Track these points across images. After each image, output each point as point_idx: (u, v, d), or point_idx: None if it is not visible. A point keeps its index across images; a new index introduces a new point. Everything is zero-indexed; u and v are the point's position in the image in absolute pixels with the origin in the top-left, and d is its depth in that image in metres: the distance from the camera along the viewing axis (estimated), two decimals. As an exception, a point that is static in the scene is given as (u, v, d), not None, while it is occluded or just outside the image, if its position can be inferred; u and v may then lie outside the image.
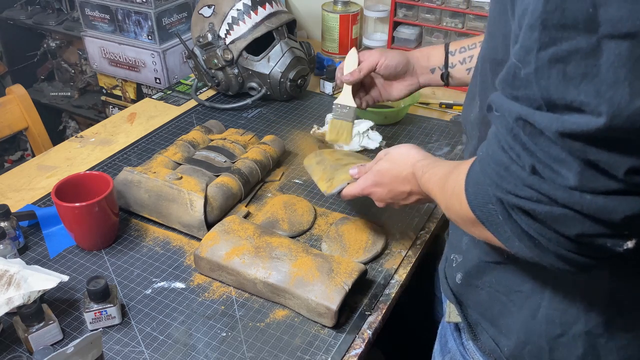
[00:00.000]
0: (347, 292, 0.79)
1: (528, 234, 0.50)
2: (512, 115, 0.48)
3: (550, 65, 0.44)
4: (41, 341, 0.76)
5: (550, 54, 0.44)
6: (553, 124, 0.44)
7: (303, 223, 0.99)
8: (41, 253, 0.94)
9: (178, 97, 1.47)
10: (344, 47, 1.69)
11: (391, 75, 1.02)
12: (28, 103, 1.48)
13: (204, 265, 0.88)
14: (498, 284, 0.68)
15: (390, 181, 0.79)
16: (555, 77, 0.44)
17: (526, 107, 0.47)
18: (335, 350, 0.77)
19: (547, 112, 0.45)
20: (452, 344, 0.78)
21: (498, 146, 0.51)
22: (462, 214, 0.57)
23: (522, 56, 0.46)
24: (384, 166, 0.80)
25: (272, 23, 1.34)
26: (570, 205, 0.46)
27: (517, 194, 0.49)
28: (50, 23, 2.21)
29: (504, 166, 0.50)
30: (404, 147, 0.80)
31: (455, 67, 0.97)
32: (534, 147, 0.47)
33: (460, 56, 0.96)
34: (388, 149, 0.83)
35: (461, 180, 0.57)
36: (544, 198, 0.47)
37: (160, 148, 1.21)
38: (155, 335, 0.80)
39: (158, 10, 1.66)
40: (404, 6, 1.51)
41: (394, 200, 0.82)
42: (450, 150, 1.21)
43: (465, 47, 0.96)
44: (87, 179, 0.96)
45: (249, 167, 1.07)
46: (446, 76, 0.99)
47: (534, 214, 0.48)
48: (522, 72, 0.46)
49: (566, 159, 0.45)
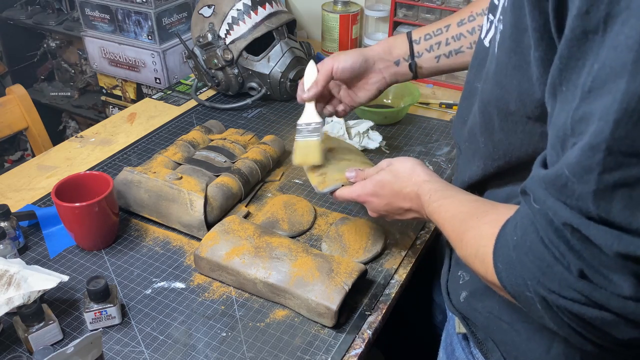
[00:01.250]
0: (347, 292, 0.79)
1: (569, 325, 0.47)
2: (559, 219, 0.45)
3: (614, 189, 0.41)
4: (41, 341, 0.76)
5: (615, 178, 0.41)
6: (614, 243, 0.42)
7: (303, 223, 0.99)
8: (41, 253, 0.94)
9: (178, 97, 1.47)
10: (344, 47, 1.69)
11: (351, 78, 0.92)
12: (28, 103, 1.48)
13: (204, 265, 0.88)
14: (501, 311, 0.65)
15: (390, 194, 0.76)
16: (619, 201, 0.42)
17: (577, 216, 0.44)
18: (335, 350, 0.77)
19: (604, 225, 0.42)
20: (460, 352, 0.76)
21: (537, 237, 0.47)
22: (487, 277, 0.55)
23: (578, 173, 0.43)
24: (385, 178, 0.76)
25: (272, 23, 1.34)
26: (624, 315, 0.44)
27: (563, 295, 0.46)
28: (50, 23, 2.21)
29: (547, 263, 0.46)
30: (409, 161, 0.76)
31: (423, 56, 0.88)
32: (583, 251, 0.44)
33: (426, 44, 0.88)
34: (391, 159, 0.78)
35: (487, 247, 0.53)
36: (594, 303, 0.44)
37: (160, 148, 1.21)
38: (155, 335, 0.80)
39: (158, 10, 1.66)
40: (404, 6, 1.51)
41: (388, 214, 0.79)
42: (450, 150, 1.21)
43: (430, 33, 0.87)
44: (87, 179, 0.96)
45: (249, 167, 1.07)
46: (414, 66, 0.90)
47: (580, 315, 0.46)
48: (578, 188, 0.43)
49: (621, 270, 0.43)
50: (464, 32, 0.84)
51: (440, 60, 0.88)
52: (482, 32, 0.66)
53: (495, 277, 0.52)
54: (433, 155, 1.19)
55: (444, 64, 0.88)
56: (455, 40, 0.85)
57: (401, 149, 1.21)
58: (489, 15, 0.64)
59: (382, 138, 1.20)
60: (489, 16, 0.64)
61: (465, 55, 0.85)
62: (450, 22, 0.86)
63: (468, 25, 0.84)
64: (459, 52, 0.86)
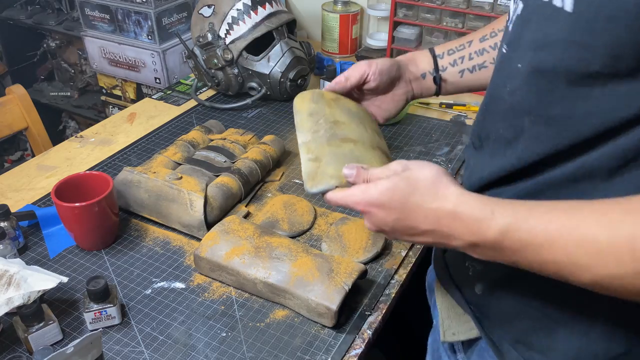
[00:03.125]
0: (347, 292, 0.79)
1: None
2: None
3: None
4: (41, 341, 0.76)
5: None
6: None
7: (303, 223, 0.99)
8: (41, 253, 0.94)
9: (178, 97, 1.47)
10: (344, 47, 1.69)
11: (386, 83, 0.86)
12: (28, 103, 1.48)
13: (204, 265, 0.88)
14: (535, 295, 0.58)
15: (404, 209, 0.59)
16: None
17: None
18: (335, 350, 0.77)
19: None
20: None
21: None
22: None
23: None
24: (399, 186, 0.59)
25: (272, 23, 1.34)
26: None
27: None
28: (50, 23, 2.22)
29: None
30: (430, 168, 0.59)
31: (447, 70, 0.86)
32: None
33: (449, 58, 0.86)
34: (407, 162, 0.62)
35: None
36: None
37: (160, 148, 1.21)
38: (155, 335, 0.80)
39: (158, 10, 1.66)
40: (404, 6, 1.51)
41: (394, 232, 0.62)
42: (450, 150, 1.21)
43: (453, 49, 0.86)
44: (87, 179, 0.96)
45: (249, 167, 1.07)
46: (438, 80, 0.86)
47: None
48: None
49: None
50: (486, 47, 0.83)
51: (464, 75, 0.85)
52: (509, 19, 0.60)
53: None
54: (433, 156, 1.18)
55: (467, 79, 0.86)
56: (479, 55, 0.84)
57: (401, 149, 1.21)
58: None
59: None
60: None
61: (489, 70, 0.83)
62: (473, 39, 0.85)
63: (490, 41, 0.83)
64: (482, 67, 0.84)
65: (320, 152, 0.70)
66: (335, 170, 0.67)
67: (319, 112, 0.75)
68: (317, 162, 0.69)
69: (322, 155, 0.70)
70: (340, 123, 0.75)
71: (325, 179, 0.67)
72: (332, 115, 0.76)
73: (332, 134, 0.72)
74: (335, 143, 0.71)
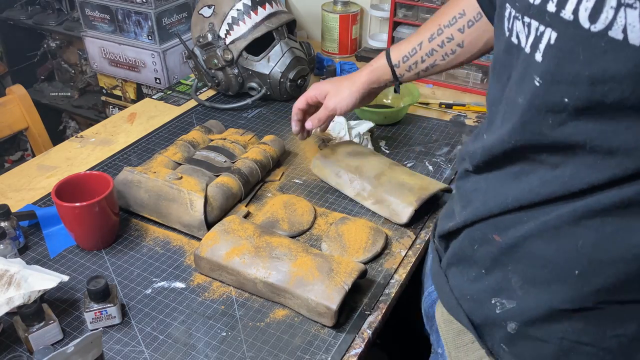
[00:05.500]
0: (347, 291, 0.79)
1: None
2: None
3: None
4: (41, 341, 0.76)
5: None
6: None
7: (303, 223, 0.99)
8: (41, 253, 0.95)
9: (178, 97, 1.47)
10: (344, 47, 1.69)
11: None
12: (28, 103, 1.48)
13: (204, 265, 0.88)
14: (579, 333, 0.56)
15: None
16: None
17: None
18: (335, 350, 0.77)
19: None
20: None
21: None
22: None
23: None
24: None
25: (272, 23, 1.34)
26: None
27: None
28: (50, 23, 2.22)
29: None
30: None
31: (404, 76, 0.96)
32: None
33: (405, 66, 0.94)
34: None
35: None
36: None
37: (160, 148, 1.21)
38: (155, 335, 0.80)
39: (158, 11, 1.66)
40: (404, 6, 1.51)
41: None
42: (450, 150, 1.21)
43: (406, 55, 0.93)
44: (87, 179, 0.96)
45: (249, 167, 1.07)
46: (398, 86, 1.00)
47: None
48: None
49: None
50: (435, 47, 0.90)
51: (420, 75, 0.96)
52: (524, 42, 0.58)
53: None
54: (433, 155, 1.19)
55: (421, 76, 0.96)
56: (429, 57, 0.91)
57: (401, 148, 1.21)
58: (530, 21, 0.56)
59: (382, 138, 1.20)
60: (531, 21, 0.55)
61: (439, 66, 0.92)
62: (422, 39, 0.91)
63: (438, 40, 0.89)
64: (434, 66, 0.93)
65: (373, 195, 0.94)
66: (406, 198, 0.93)
67: (333, 162, 1.02)
68: (380, 203, 0.92)
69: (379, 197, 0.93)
70: (360, 167, 0.97)
71: (409, 210, 0.95)
72: (346, 164, 0.99)
73: (366, 177, 0.95)
74: (374, 184, 0.94)
